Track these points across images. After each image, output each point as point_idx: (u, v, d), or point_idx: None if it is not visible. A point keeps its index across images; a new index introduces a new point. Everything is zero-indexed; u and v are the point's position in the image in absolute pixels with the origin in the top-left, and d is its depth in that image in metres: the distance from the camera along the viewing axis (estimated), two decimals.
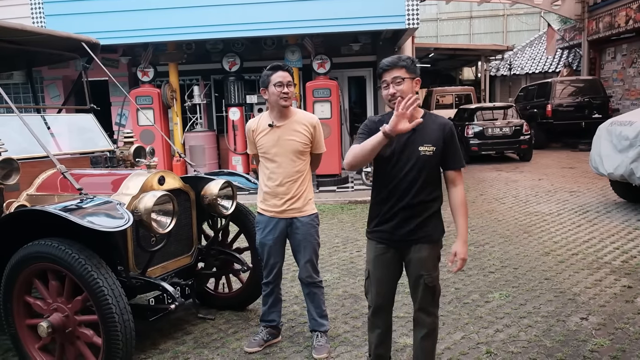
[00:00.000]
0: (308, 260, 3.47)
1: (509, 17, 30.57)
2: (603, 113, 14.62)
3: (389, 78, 2.61)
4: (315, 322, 3.55)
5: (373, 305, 2.88)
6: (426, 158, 2.61)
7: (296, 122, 3.38)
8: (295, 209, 3.41)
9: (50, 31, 4.37)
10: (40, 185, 3.74)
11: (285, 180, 3.37)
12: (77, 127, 4.69)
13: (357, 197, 9.01)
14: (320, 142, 3.51)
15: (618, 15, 15.48)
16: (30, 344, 3.17)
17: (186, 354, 3.59)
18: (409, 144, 2.64)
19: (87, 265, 2.85)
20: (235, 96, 10.81)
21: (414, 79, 2.63)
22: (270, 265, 3.52)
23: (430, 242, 2.71)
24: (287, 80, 3.32)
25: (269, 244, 3.47)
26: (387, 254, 2.78)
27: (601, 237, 6.07)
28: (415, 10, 9.22)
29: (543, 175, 11.10)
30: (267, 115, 3.45)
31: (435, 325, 2.83)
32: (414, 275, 2.74)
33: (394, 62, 2.62)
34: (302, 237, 3.43)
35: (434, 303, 2.79)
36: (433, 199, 2.69)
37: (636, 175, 6.54)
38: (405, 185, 2.65)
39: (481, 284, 4.68)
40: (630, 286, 4.49)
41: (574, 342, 3.53)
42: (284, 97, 3.31)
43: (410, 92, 2.60)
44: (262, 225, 3.49)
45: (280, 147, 3.36)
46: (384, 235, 2.76)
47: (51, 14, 9.78)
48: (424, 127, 2.63)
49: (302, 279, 3.52)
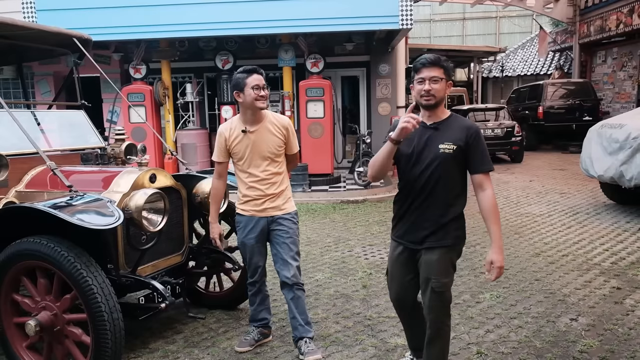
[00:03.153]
0: (291, 258, 3.41)
1: (502, 19, 30.69)
2: (593, 116, 14.71)
3: (427, 75, 2.61)
4: (303, 328, 3.42)
5: (392, 302, 3.01)
6: (445, 156, 2.60)
7: (269, 125, 3.38)
8: (274, 207, 3.41)
9: (42, 26, 4.30)
10: (30, 182, 3.70)
11: (262, 184, 3.37)
12: (68, 123, 4.64)
13: (349, 197, 9.00)
14: (294, 143, 3.52)
15: (609, 18, 15.57)
16: (17, 343, 3.13)
17: (176, 353, 3.56)
18: (430, 143, 2.65)
19: (76, 263, 2.82)
20: (228, 94, 10.77)
21: (448, 81, 2.67)
22: (254, 264, 3.50)
23: (443, 246, 2.68)
24: (263, 84, 3.32)
25: (250, 243, 3.45)
26: (404, 254, 2.80)
27: (591, 239, 6.10)
28: (409, 11, 9.23)
29: (534, 176, 11.15)
30: (238, 120, 3.43)
31: (444, 333, 2.80)
32: (423, 278, 2.75)
33: (435, 60, 2.64)
34: (283, 233, 3.41)
35: (442, 311, 2.76)
36: (452, 202, 2.67)
37: (626, 177, 6.58)
38: (422, 184, 2.65)
39: (472, 285, 4.69)
40: (619, 287, 4.51)
41: (564, 342, 3.54)
42: (261, 100, 3.30)
43: (443, 93, 2.64)
44: (243, 225, 3.47)
45: (255, 152, 3.35)
46: (399, 233, 2.79)
47: (43, 9, 9.70)
48: (448, 126, 2.66)
49: (286, 281, 3.40)
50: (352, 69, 12.52)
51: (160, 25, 9.67)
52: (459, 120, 2.71)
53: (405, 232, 2.76)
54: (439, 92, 2.61)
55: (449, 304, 2.79)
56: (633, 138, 6.49)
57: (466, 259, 5.42)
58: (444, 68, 2.63)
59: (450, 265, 2.74)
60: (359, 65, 12.35)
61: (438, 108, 2.68)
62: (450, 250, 2.71)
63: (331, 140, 10.47)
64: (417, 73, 2.65)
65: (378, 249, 5.91)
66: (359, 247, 6.04)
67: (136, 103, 10.33)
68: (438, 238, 2.68)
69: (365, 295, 4.52)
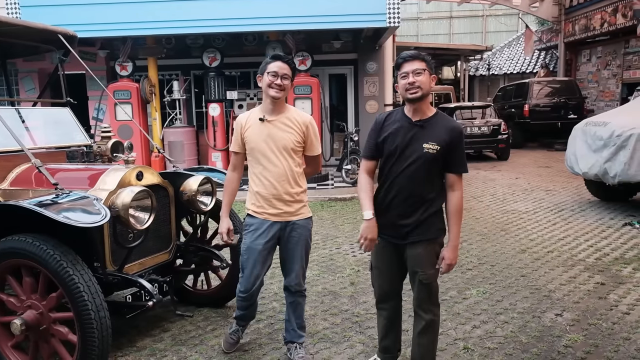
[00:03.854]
0: (300, 266, 3.24)
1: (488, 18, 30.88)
2: (578, 114, 14.87)
3: (409, 69, 2.63)
4: (295, 333, 3.34)
5: (376, 296, 3.01)
6: (429, 156, 2.63)
7: (288, 119, 3.15)
8: (290, 212, 3.16)
9: (26, 22, 4.26)
10: (14, 180, 3.66)
11: (277, 180, 3.12)
12: (53, 120, 4.59)
13: (337, 195, 9.01)
14: (315, 144, 3.26)
15: (593, 18, 15.74)
16: (2, 342, 3.10)
17: (164, 351, 3.55)
18: (414, 141, 2.67)
19: (62, 261, 2.79)
20: (215, 92, 10.74)
21: (431, 74, 2.69)
22: (255, 274, 3.21)
23: (425, 240, 2.74)
24: (283, 73, 3.08)
25: (257, 249, 3.16)
26: (388, 247, 2.84)
27: (576, 235, 6.16)
28: (396, 9, 9.24)
29: (520, 174, 11.24)
30: (258, 110, 3.21)
31: (433, 323, 2.84)
32: (410, 272, 2.81)
33: (415, 54, 2.68)
34: (296, 241, 3.20)
35: (430, 300, 2.81)
36: (431, 198, 2.70)
37: (610, 174, 6.66)
38: (403, 181, 2.69)
39: (459, 281, 4.72)
40: (603, 283, 4.57)
41: (549, 337, 3.58)
42: (275, 88, 3.07)
43: (428, 85, 2.66)
44: (253, 228, 3.19)
45: (270, 144, 3.11)
46: (382, 229, 2.80)
47: (26, 5, 9.56)
48: (433, 125, 2.68)
49: (289, 287, 3.27)
50: (340, 66, 12.52)
51: (146, 22, 9.58)
52: (445, 119, 2.73)
53: (388, 227, 2.79)
54: (423, 83, 2.63)
55: (437, 294, 2.84)
56: (617, 136, 6.57)
57: None
58: (426, 61, 2.66)
59: (434, 256, 2.78)
60: (347, 63, 12.37)
61: (424, 103, 2.70)
62: (433, 242, 2.77)
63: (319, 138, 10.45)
64: (400, 69, 2.68)
65: None
66: (346, 245, 6.05)
67: (122, 100, 10.25)
68: (420, 232, 2.72)
69: (353, 292, 4.53)
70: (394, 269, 2.88)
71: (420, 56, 2.67)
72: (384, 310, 3.01)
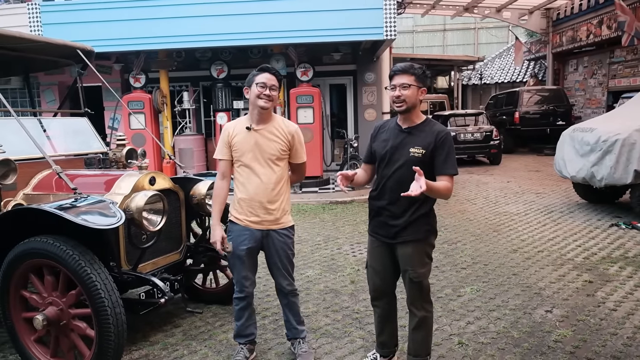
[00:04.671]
0: (285, 271, 3.20)
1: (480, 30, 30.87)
2: (566, 120, 14.84)
3: (397, 82, 2.65)
4: (296, 330, 3.32)
5: (370, 294, 3.02)
6: (414, 160, 2.63)
7: (274, 128, 3.08)
8: (271, 221, 3.10)
9: (47, 39, 4.32)
10: (37, 185, 3.69)
11: (260, 189, 3.05)
12: (72, 130, 4.62)
13: (337, 198, 9.02)
14: (300, 152, 3.18)
15: (580, 29, 15.73)
16: (26, 336, 3.12)
17: (175, 345, 3.57)
18: (402, 146, 2.70)
19: (81, 261, 2.81)
20: (222, 102, 10.81)
21: (420, 88, 2.67)
22: (243, 278, 3.15)
23: (415, 240, 2.73)
24: (271, 84, 3.01)
25: (241, 255, 3.10)
26: (381, 247, 2.85)
27: (564, 236, 6.16)
28: (393, 22, 9.28)
29: (511, 177, 11.23)
30: (245, 119, 3.15)
31: (426, 319, 2.85)
32: (402, 270, 2.82)
33: (406, 68, 2.66)
34: (278, 249, 3.14)
35: (422, 297, 2.81)
36: (420, 200, 2.68)
37: (596, 178, 6.66)
38: (392, 184, 2.71)
39: (454, 279, 4.72)
40: (591, 281, 4.57)
41: (540, 333, 3.58)
42: (264, 98, 2.99)
43: (414, 98, 2.65)
44: (235, 235, 3.12)
45: (256, 153, 3.04)
46: (374, 229, 2.83)
47: (48, 23, 9.68)
48: (420, 131, 2.70)
49: (281, 289, 3.23)
50: (340, 77, 12.56)
51: (158, 37, 9.67)
52: (432, 125, 2.73)
53: (379, 227, 2.82)
54: (409, 97, 2.64)
55: (428, 291, 2.84)
56: (603, 141, 6.57)
57: (448, 255, 5.46)
58: (415, 75, 2.65)
59: (424, 256, 2.78)
60: (346, 73, 12.41)
61: (412, 113, 2.71)
62: (422, 242, 2.76)
63: (320, 144, 10.49)
64: (391, 80, 2.71)
65: (365, 247, 5.87)
66: (347, 245, 6.06)
67: (136, 110, 10.30)
68: (409, 233, 2.72)
69: (353, 290, 4.54)
70: (387, 267, 2.88)
71: (410, 70, 2.65)
72: (378, 308, 3.01)
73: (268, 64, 3.18)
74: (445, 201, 8.41)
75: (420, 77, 2.67)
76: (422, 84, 2.69)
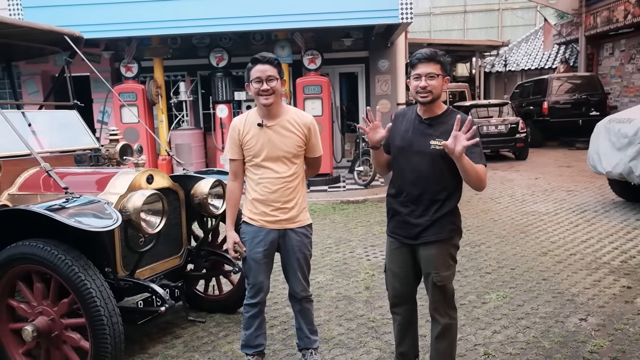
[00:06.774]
0: (301, 274, 3.23)
1: (504, 12, 30.75)
2: (601, 110, 14.77)
3: (423, 71, 2.65)
4: (308, 339, 3.35)
5: (390, 300, 3.03)
6: (436, 153, 2.65)
7: (288, 122, 3.08)
8: (288, 219, 3.13)
9: (32, 24, 4.32)
10: (23, 185, 3.73)
11: (276, 186, 3.07)
12: (60, 124, 4.65)
13: (349, 197, 9.04)
14: (316, 145, 3.21)
15: (616, 9, 15.63)
16: (14, 349, 3.16)
17: (176, 358, 3.60)
18: (422, 138, 2.72)
19: (74, 266, 2.84)
20: (222, 93, 10.82)
21: (445, 77, 2.70)
22: (258, 283, 3.17)
23: (439, 240, 2.74)
24: (267, 75, 2.97)
25: (257, 258, 3.13)
26: (401, 249, 2.87)
27: (599, 237, 6.15)
28: (409, 4, 9.25)
29: (539, 174, 11.21)
30: (255, 113, 3.13)
31: (450, 326, 2.86)
32: (425, 273, 2.83)
33: (432, 55, 2.66)
34: (295, 249, 3.17)
35: (446, 303, 2.83)
36: (443, 198, 2.71)
37: (635, 173, 6.63)
38: (413, 179, 2.72)
39: (478, 285, 4.73)
40: (629, 286, 4.56)
41: (573, 343, 3.58)
42: (263, 95, 2.98)
43: (439, 89, 2.67)
44: (250, 237, 3.15)
45: (270, 151, 3.05)
46: (394, 230, 2.85)
47: (29, 6, 9.67)
48: (442, 122, 2.72)
49: (294, 294, 3.27)
50: (351, 65, 12.56)
51: (151, 22, 9.68)
52: (454, 115, 2.72)
53: (399, 227, 2.83)
54: (435, 88, 2.66)
55: (452, 297, 2.86)
56: None
57: (471, 259, 5.47)
58: (441, 63, 2.67)
59: (449, 258, 2.79)
60: (358, 61, 12.40)
61: (434, 104, 2.73)
62: (446, 243, 2.76)
63: (330, 139, 10.51)
64: (414, 69, 2.70)
65: (380, 250, 5.94)
66: (360, 248, 6.08)
67: (128, 102, 10.34)
68: (432, 232, 2.73)
69: (368, 296, 4.56)
70: (407, 271, 2.90)
71: (436, 58, 2.66)
72: (399, 315, 3.03)
73: (267, 52, 3.16)
74: (466, 200, 8.42)
75: (445, 65, 2.69)
76: (447, 73, 2.72)
